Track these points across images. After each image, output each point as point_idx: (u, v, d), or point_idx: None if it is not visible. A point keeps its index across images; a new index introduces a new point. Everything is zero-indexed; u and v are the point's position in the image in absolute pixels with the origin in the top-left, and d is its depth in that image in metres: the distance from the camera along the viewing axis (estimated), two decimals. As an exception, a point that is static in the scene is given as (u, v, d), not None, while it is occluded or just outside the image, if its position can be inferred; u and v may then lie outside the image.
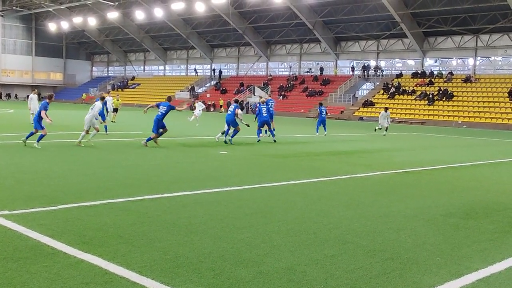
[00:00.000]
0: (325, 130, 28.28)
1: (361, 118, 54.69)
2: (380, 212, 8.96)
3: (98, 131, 18.42)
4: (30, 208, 8.03)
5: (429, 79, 57.73)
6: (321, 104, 30.02)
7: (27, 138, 16.88)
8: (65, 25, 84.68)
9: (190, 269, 5.54)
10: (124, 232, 6.88)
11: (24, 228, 6.81)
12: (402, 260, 6.22)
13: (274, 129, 23.29)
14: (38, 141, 16.51)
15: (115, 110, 33.40)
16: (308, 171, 13.89)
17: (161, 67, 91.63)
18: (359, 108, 57.64)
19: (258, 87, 67.63)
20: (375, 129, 32.14)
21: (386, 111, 31.31)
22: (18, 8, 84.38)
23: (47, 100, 17.30)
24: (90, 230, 6.87)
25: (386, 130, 31.09)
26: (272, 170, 13.92)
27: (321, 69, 68.61)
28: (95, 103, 18.66)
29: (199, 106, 35.53)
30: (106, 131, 22.92)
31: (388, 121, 31.00)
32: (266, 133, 24.02)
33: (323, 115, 28.48)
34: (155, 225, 7.35)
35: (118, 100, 34.39)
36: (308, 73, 70.59)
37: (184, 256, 5.97)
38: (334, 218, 8.27)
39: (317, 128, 28.52)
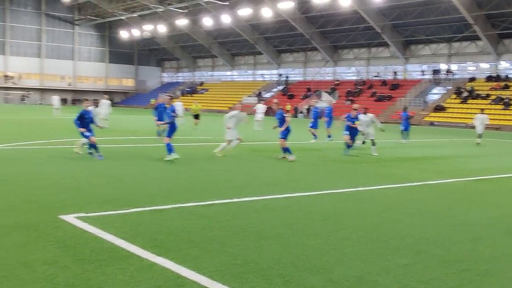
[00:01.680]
0: (403, 137, 26.78)
1: (432, 123, 53.19)
2: (455, 220, 8.64)
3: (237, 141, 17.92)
4: (104, 211, 8.27)
5: (504, 83, 55.41)
6: (405, 109, 28.39)
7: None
8: (136, 33, 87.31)
9: (260, 275, 5.52)
10: (195, 236, 6.96)
11: (99, 230, 7.01)
12: (480, 272, 5.96)
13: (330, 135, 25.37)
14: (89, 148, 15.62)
15: (196, 116, 32.31)
16: (378, 177, 13.61)
17: (229, 73, 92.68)
18: (429, 113, 56.07)
19: (325, 92, 67.13)
20: (477, 143, 27.27)
21: (482, 113, 28.16)
22: (92, 17, 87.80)
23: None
24: (161, 234, 6.99)
25: (479, 138, 27.51)
26: (342, 176, 13.74)
27: (395, 73, 66.99)
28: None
29: (260, 109, 34.31)
30: (158, 135, 21.80)
31: (483, 126, 27.49)
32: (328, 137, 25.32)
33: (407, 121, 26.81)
34: (225, 230, 7.38)
35: (197, 106, 33.25)
36: (376, 78, 69.43)
37: (254, 261, 5.96)
38: (407, 226, 8.04)
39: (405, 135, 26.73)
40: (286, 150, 16.55)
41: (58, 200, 9.03)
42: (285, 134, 16.76)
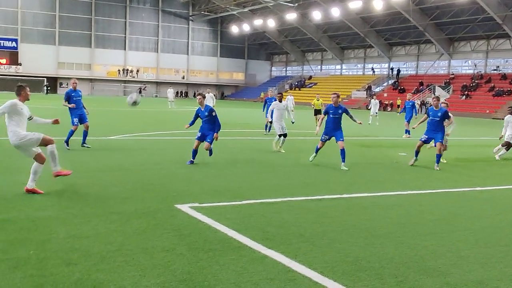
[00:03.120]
0: None
1: (557, 120, 49.42)
2: None
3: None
4: (217, 202, 8.51)
5: None
6: None
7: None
8: (247, 28, 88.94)
9: (372, 273, 5.42)
10: (305, 230, 6.97)
11: (212, 220, 7.22)
12: None
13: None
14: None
15: (318, 111, 29.73)
16: (497, 177, 12.87)
17: (338, 66, 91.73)
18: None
19: (438, 86, 64.51)
20: None
21: None
22: (205, 13, 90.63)
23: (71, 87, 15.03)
24: (272, 227, 7.06)
25: None
26: (456, 174, 13.13)
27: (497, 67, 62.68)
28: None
29: (374, 104, 33.81)
30: (267, 130, 22.18)
31: None
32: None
33: None
34: (335, 225, 7.33)
35: (318, 100, 32.35)
36: (495, 71, 65.57)
37: (365, 259, 5.86)
38: (530, 231, 7.53)
39: None
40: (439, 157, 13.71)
41: (173, 189, 9.43)
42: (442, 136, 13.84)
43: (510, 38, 61.90)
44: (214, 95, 35.21)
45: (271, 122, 16.71)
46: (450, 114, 14.09)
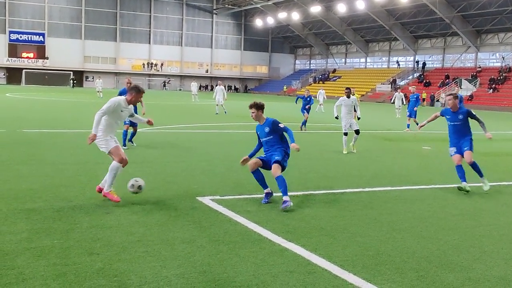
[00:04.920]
0: None
1: None
2: None
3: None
4: (238, 194, 8.54)
5: None
6: None
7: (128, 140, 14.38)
8: (271, 21, 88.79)
9: (393, 267, 5.38)
10: (326, 224, 6.95)
11: (233, 213, 7.25)
12: None
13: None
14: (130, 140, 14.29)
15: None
16: (523, 171, 12.64)
17: (362, 60, 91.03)
18: None
19: (465, 79, 63.57)
20: None
21: None
22: (229, 6, 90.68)
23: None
24: (293, 220, 7.06)
25: None
26: (484, 169, 12.92)
27: None
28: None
29: (398, 98, 32.83)
30: (303, 126, 21.87)
31: None
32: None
33: None
34: (356, 219, 7.29)
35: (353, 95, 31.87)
36: (524, 64, 64.38)
37: (386, 253, 5.82)
38: (556, 227, 7.39)
39: None
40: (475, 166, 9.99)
41: (195, 182, 9.48)
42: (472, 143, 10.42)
43: (539, 30, 60.68)
44: (229, 86, 35.12)
45: (337, 118, 15.59)
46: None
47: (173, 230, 6.39)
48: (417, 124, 23.16)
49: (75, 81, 79.07)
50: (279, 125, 8.16)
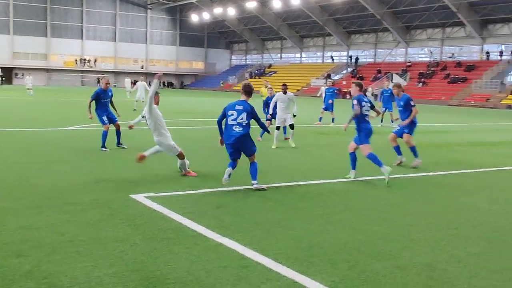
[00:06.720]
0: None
1: (509, 107, 50.93)
2: (531, 209, 8.26)
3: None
4: (172, 191, 8.48)
5: None
6: None
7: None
8: (206, 16, 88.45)
9: (325, 259, 5.51)
10: (260, 218, 7.01)
11: (167, 210, 7.20)
12: (557, 263, 5.68)
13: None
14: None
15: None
16: (449, 162, 13.19)
17: (297, 55, 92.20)
18: (507, 96, 53.63)
19: (396, 74, 65.56)
20: None
21: None
22: (164, 1, 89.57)
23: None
24: (227, 215, 7.08)
25: None
26: (409, 160, 13.39)
27: (487, 53, 63.23)
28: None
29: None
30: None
31: None
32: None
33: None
34: (290, 212, 7.40)
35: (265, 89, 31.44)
36: (451, 59, 67.03)
37: (319, 245, 5.95)
38: (478, 214, 7.77)
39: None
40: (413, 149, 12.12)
41: (129, 179, 9.35)
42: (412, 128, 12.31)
43: (464, 26, 63.33)
44: (163, 83, 34.56)
45: (271, 115, 15.14)
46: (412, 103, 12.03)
47: (106, 229, 6.28)
48: (333, 119, 23.45)
49: (3, 78, 76.05)
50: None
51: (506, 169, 12.41)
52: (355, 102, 10.06)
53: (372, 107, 10.51)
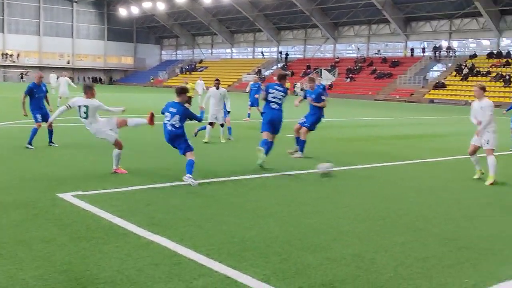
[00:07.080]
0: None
1: (431, 101, 53.11)
2: (452, 198, 8.66)
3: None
4: (102, 189, 8.27)
5: (505, 59, 55.14)
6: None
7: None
8: (135, 10, 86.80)
9: (257, 253, 5.54)
10: (192, 214, 6.97)
11: (96, 208, 7.02)
12: (477, 249, 5.98)
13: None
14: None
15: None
16: (375, 155, 13.59)
17: (228, 50, 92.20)
18: (429, 91, 55.92)
19: (325, 69, 66.86)
20: None
21: None
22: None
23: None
24: (158, 212, 7.00)
25: None
26: (338, 154, 13.71)
27: (412, 50, 65.24)
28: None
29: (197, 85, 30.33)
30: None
31: None
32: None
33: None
34: (222, 208, 7.40)
35: (187, 84, 31.20)
36: (377, 55, 69.09)
37: (251, 240, 5.98)
38: (404, 204, 8.06)
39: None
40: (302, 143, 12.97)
41: (55, 177, 9.05)
42: (314, 121, 13.20)
43: (389, 23, 65.40)
44: (71, 78, 33.72)
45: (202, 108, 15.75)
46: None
47: (31, 229, 6.05)
48: (261, 112, 23.50)
49: None
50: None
51: (429, 161, 12.95)
52: (262, 87, 11.09)
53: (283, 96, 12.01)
